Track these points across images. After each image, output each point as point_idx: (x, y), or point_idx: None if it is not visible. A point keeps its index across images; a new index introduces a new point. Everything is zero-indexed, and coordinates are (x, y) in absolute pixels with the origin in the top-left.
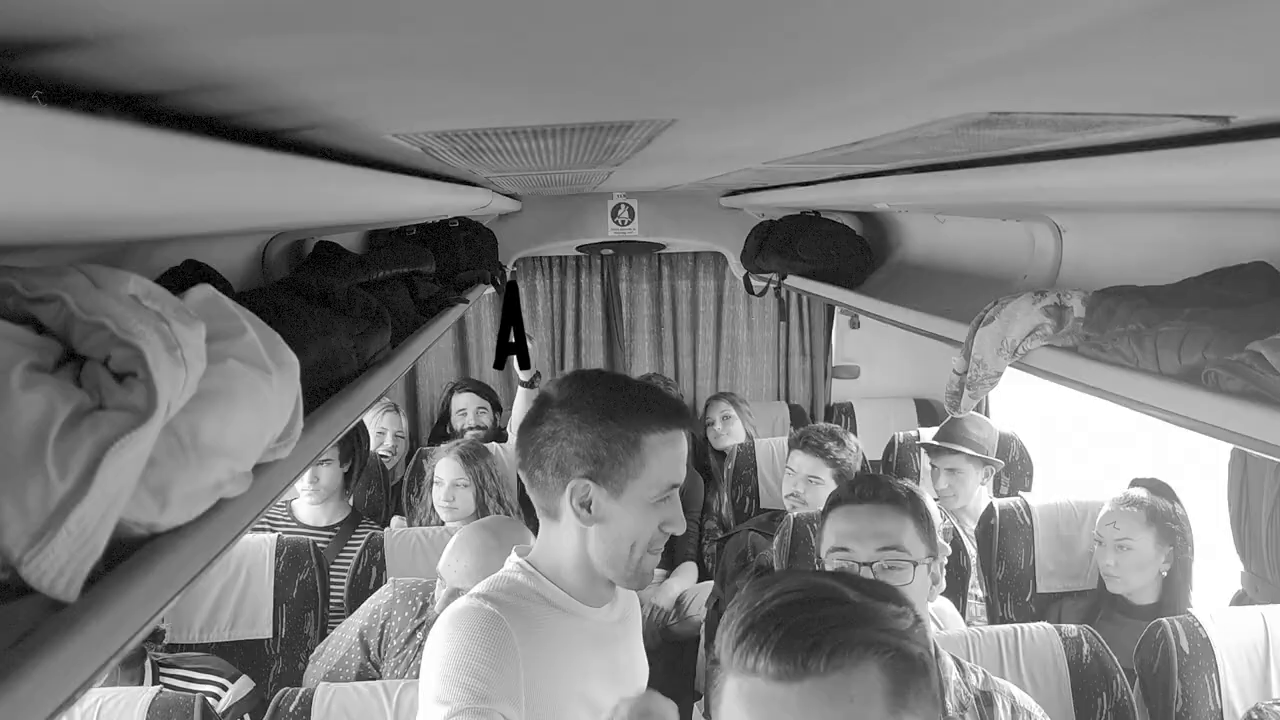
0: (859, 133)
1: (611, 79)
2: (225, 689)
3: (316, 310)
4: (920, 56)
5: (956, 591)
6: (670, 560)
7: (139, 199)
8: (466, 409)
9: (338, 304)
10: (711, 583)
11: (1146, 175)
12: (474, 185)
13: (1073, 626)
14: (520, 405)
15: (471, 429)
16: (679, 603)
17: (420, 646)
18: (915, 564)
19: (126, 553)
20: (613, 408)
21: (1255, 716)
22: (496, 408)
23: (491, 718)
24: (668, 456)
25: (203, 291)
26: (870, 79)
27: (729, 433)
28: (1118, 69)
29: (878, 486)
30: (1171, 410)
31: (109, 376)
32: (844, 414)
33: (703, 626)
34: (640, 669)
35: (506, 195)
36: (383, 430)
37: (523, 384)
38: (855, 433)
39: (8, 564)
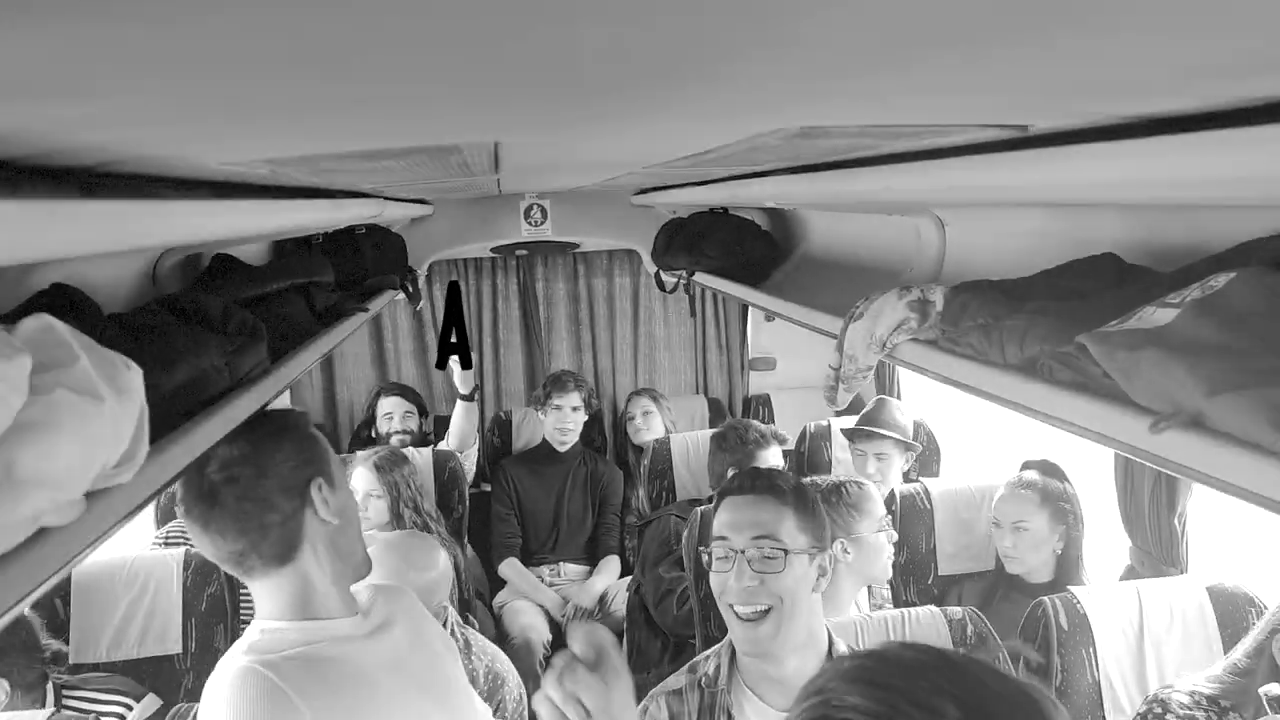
0: (691, 146)
1: (425, 106)
2: (130, 709)
3: (187, 329)
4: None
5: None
6: (593, 556)
7: None
8: (393, 413)
9: (211, 321)
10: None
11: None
12: (364, 196)
13: (958, 609)
14: (459, 419)
15: (398, 433)
16: (602, 599)
17: None
18: (788, 553)
19: None
20: (269, 422)
21: (1159, 710)
22: (423, 412)
23: None
24: (315, 430)
25: (36, 322)
26: (675, 103)
27: (649, 428)
28: (922, 85)
29: (757, 478)
30: (1013, 400)
31: None
32: (762, 405)
33: (625, 620)
34: (452, 676)
35: (413, 201)
36: None
37: (463, 398)
38: (773, 423)
39: None
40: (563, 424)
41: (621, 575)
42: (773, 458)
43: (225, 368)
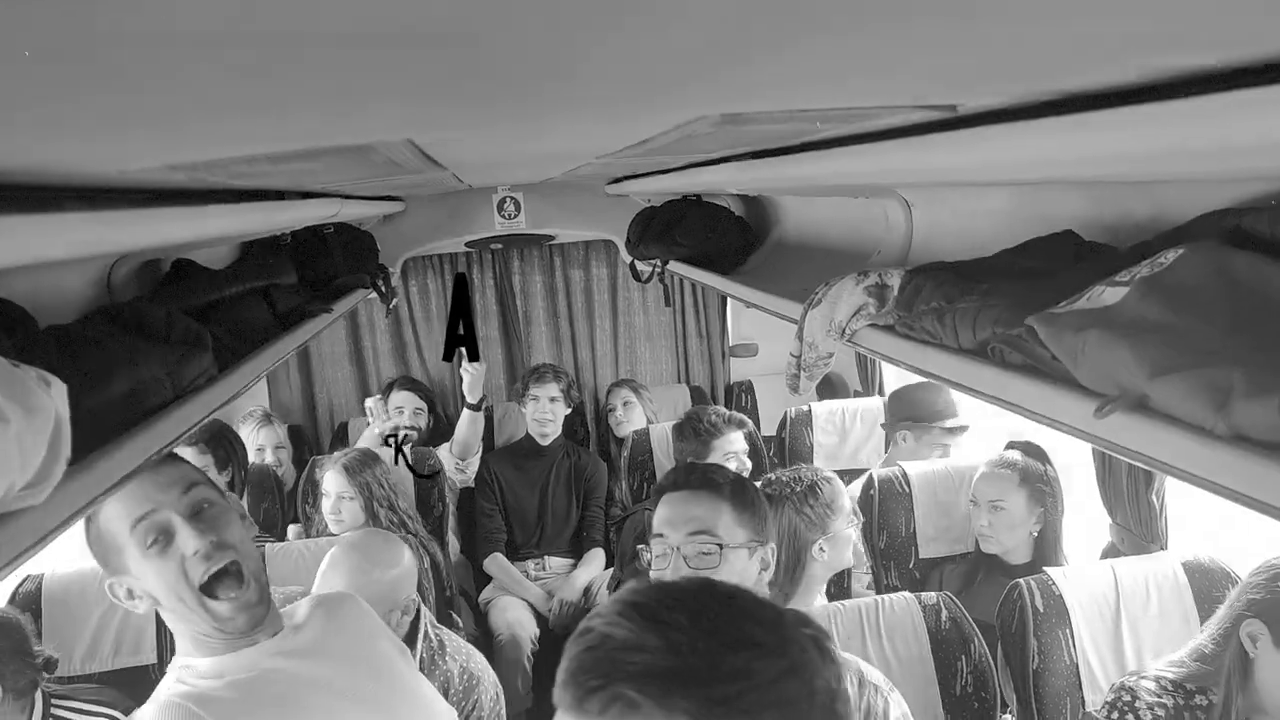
0: (619, 139)
1: (321, 106)
2: None
3: (126, 339)
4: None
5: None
6: (578, 550)
7: None
8: (404, 407)
9: (152, 330)
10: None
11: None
12: (319, 196)
13: (932, 594)
14: (464, 428)
15: (407, 429)
16: (586, 592)
17: None
18: (723, 547)
19: None
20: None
21: (1128, 698)
22: (434, 409)
23: None
24: (116, 510)
25: None
26: (581, 99)
27: (630, 419)
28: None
29: (692, 473)
30: (965, 384)
31: None
32: (744, 392)
33: None
34: (401, 683)
35: (380, 199)
36: (261, 446)
37: (470, 407)
38: (755, 409)
39: None
40: (541, 415)
41: (607, 567)
42: (735, 443)
43: (167, 378)
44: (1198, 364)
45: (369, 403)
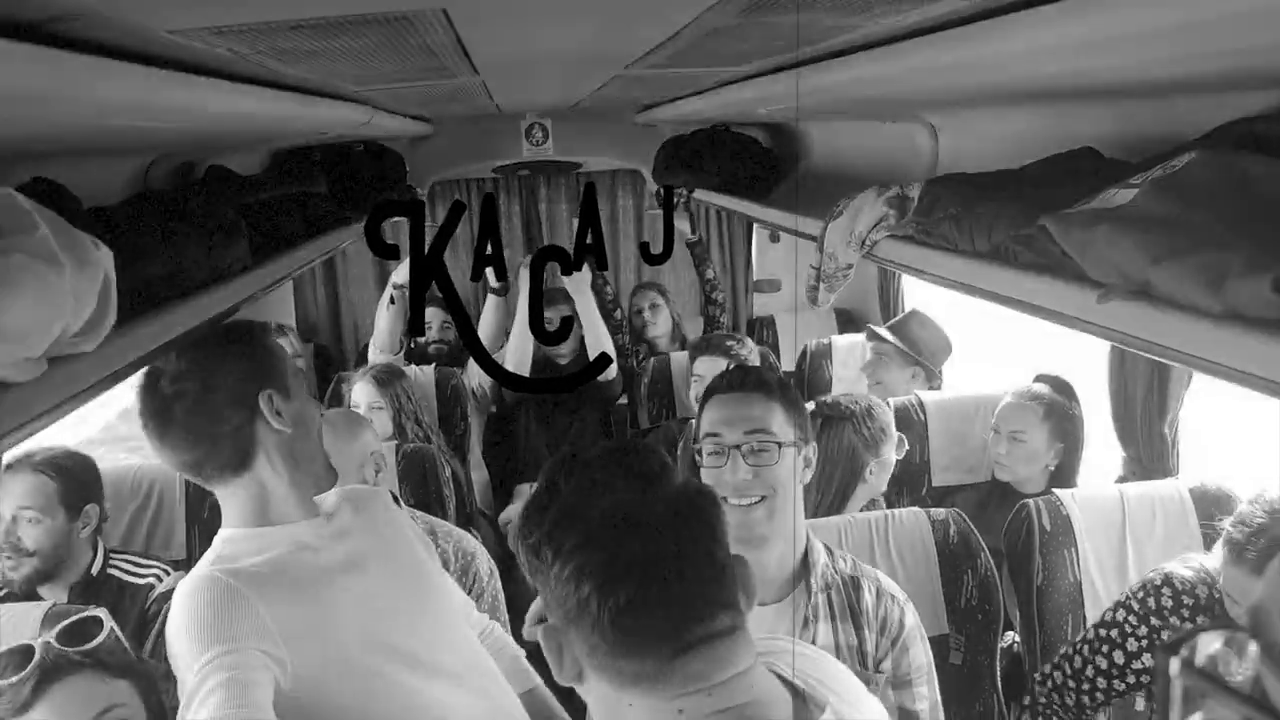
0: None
1: None
2: (167, 574)
3: (166, 223)
4: None
5: None
6: None
7: None
8: (431, 322)
9: (191, 216)
10: None
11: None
12: (347, 100)
13: (940, 510)
14: (490, 314)
15: (435, 343)
16: None
17: None
18: (780, 445)
19: None
20: (224, 335)
21: (1158, 580)
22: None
23: (247, 655)
24: (271, 340)
25: None
26: None
27: (657, 321)
28: None
29: (746, 375)
30: (978, 286)
31: None
32: (766, 327)
33: None
34: (422, 574)
35: (412, 117)
36: None
37: (493, 290)
38: (777, 344)
39: None
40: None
41: None
42: (751, 359)
43: (204, 261)
44: (1197, 250)
45: (392, 287)
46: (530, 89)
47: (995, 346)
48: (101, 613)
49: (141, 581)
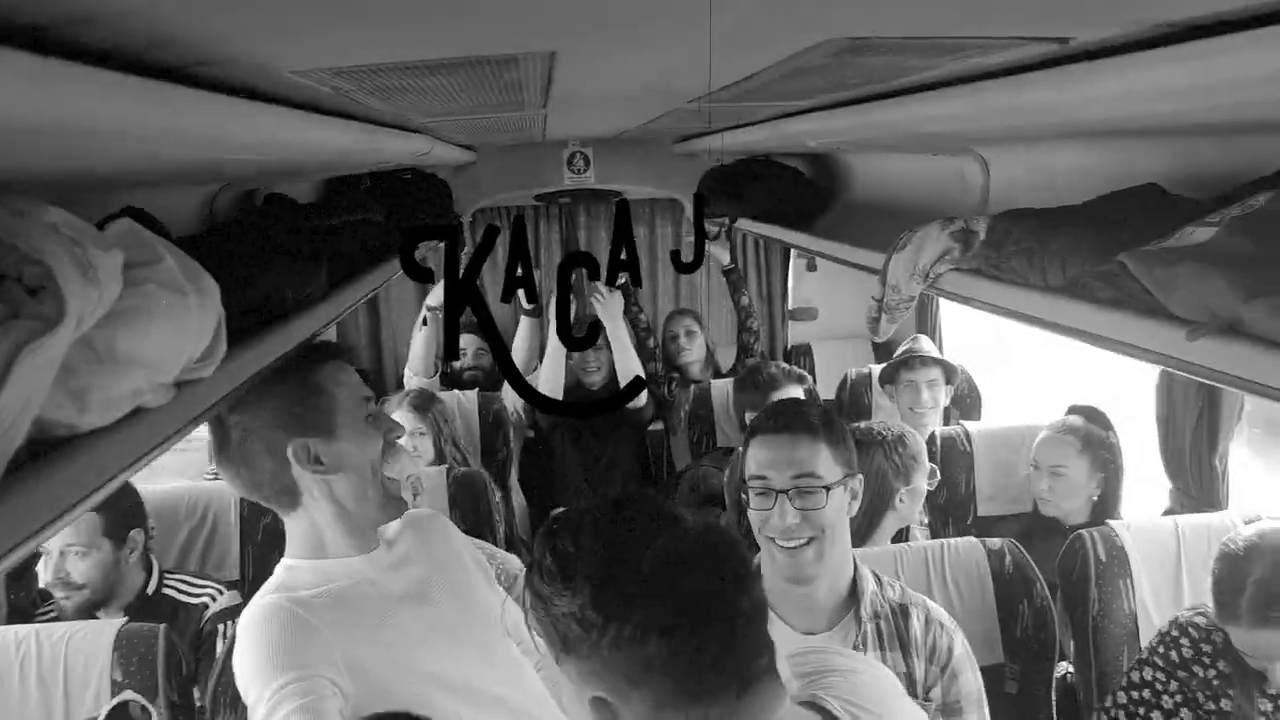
0: (737, 68)
1: (486, 10)
2: (221, 593)
3: (254, 252)
4: None
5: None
6: None
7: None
8: (466, 348)
9: (276, 245)
10: None
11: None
12: (411, 131)
13: (996, 540)
14: (523, 335)
15: (470, 369)
16: None
17: None
18: (829, 488)
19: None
20: (273, 374)
21: (1180, 627)
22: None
23: (317, 683)
24: (347, 380)
25: (122, 224)
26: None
27: (691, 347)
28: None
29: (791, 415)
30: (1055, 321)
31: (22, 291)
32: (802, 355)
33: None
34: (476, 602)
35: (459, 145)
36: None
37: (526, 313)
38: (814, 372)
39: None
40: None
41: None
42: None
43: (291, 288)
44: None
45: (426, 309)
46: (585, 120)
47: (1034, 376)
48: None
49: (196, 601)
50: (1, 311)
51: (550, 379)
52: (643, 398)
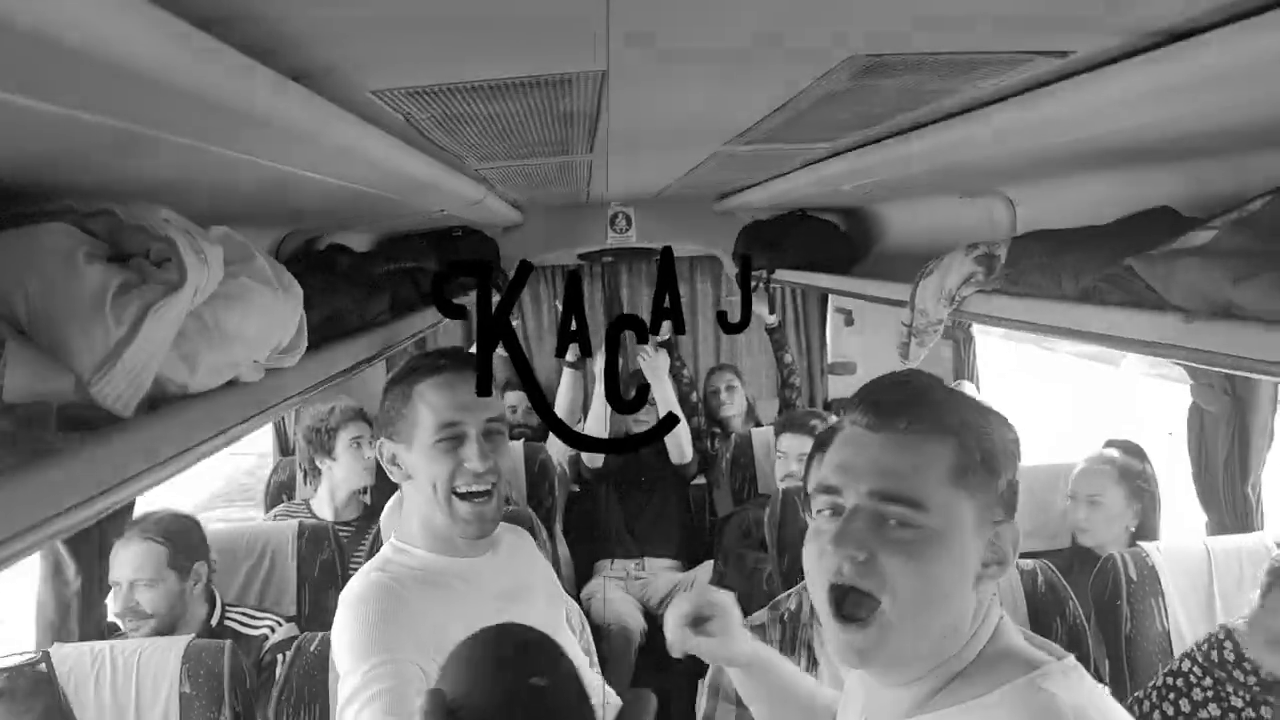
0: (775, 95)
1: (543, 24)
2: (280, 624)
3: (324, 278)
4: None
5: None
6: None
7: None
8: (516, 406)
9: (343, 274)
10: (711, 561)
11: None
12: (465, 175)
13: (1028, 560)
14: (566, 386)
15: (519, 426)
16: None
17: None
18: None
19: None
20: (393, 372)
21: (1221, 635)
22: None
23: (405, 667)
24: (437, 400)
25: (219, 229)
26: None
27: (733, 401)
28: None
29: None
30: (1068, 326)
31: (149, 264)
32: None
33: None
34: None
35: (509, 204)
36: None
37: (569, 365)
38: None
39: (81, 384)
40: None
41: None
42: None
43: (355, 311)
44: (1277, 267)
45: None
46: (627, 177)
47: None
48: None
49: (256, 633)
50: (134, 279)
51: (596, 428)
52: (689, 453)
